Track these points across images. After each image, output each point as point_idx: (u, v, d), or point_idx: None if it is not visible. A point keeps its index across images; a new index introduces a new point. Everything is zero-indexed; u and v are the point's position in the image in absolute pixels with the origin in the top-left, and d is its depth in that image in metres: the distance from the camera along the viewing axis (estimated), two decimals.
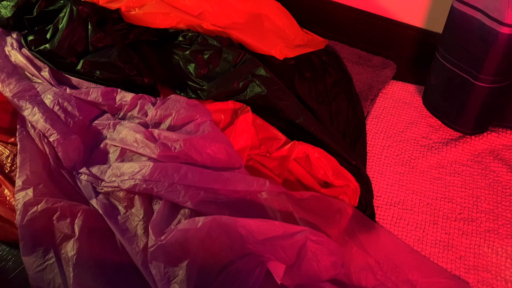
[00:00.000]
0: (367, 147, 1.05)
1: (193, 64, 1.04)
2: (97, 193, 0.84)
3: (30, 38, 1.08)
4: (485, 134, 1.06)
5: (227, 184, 0.78)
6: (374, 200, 0.94)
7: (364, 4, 1.32)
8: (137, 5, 1.11)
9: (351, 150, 0.98)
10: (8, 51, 1.11)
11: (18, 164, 0.89)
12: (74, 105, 0.97)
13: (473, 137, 1.05)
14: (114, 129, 0.93)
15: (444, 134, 1.08)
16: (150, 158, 0.84)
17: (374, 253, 0.78)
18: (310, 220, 0.76)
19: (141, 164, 0.82)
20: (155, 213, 0.76)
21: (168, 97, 0.97)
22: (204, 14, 1.15)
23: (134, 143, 0.87)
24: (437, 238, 0.88)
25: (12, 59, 1.09)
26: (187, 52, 1.05)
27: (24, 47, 1.09)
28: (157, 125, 0.92)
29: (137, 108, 0.96)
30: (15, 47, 1.10)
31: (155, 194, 0.79)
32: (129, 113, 0.96)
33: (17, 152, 0.92)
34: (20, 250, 0.77)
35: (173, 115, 0.92)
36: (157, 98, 0.97)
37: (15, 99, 1.00)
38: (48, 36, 1.07)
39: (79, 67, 1.02)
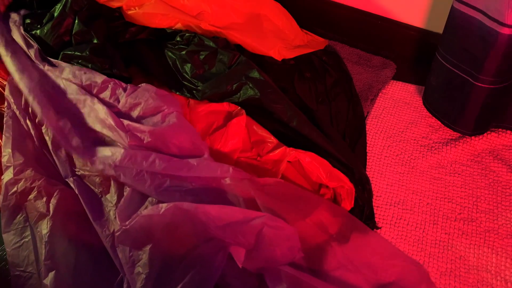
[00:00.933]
0: (367, 147, 1.05)
1: (189, 64, 1.05)
2: (73, 173, 0.87)
3: (27, 21, 1.11)
4: (485, 134, 1.06)
5: (192, 171, 0.79)
6: (374, 200, 0.94)
7: (364, 4, 1.32)
8: (137, 4, 1.11)
9: (349, 151, 0.98)
10: (11, 25, 1.12)
11: (2, 144, 0.92)
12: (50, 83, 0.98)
13: (473, 137, 1.06)
14: (84, 105, 0.93)
15: (444, 134, 1.08)
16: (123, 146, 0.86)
17: (337, 236, 0.79)
18: (271, 206, 0.76)
19: (113, 150, 0.83)
20: (122, 199, 0.79)
21: (140, 85, 0.97)
22: (202, 14, 1.15)
23: (108, 129, 0.88)
24: (437, 238, 0.88)
25: (12, 34, 1.11)
26: (184, 52, 1.06)
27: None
28: (127, 113, 0.93)
29: (108, 92, 0.96)
30: (16, 24, 1.12)
31: (121, 181, 0.81)
32: (101, 95, 0.96)
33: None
34: (1, 227, 0.82)
35: (142, 104, 0.92)
36: (128, 84, 0.98)
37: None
38: (44, 21, 1.10)
39: (59, 58, 1.04)
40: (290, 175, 0.92)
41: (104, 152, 0.84)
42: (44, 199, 0.82)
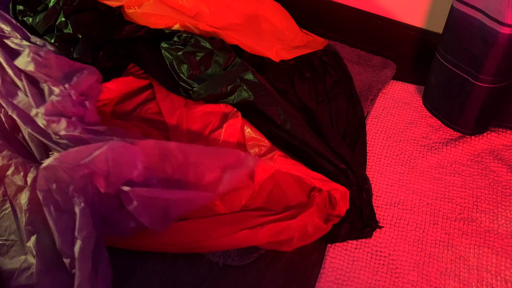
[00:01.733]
0: (367, 147, 1.05)
1: (186, 65, 1.05)
2: (48, 156, 0.92)
3: (20, 8, 1.15)
4: (485, 134, 1.06)
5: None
6: (374, 200, 0.94)
7: (364, 4, 1.32)
8: (136, 4, 1.11)
9: (349, 152, 0.97)
10: None
11: None
12: None
13: (473, 137, 1.06)
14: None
15: (444, 134, 1.08)
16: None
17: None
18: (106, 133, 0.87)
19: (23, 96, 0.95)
20: None
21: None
22: (200, 14, 1.14)
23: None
24: (437, 238, 0.88)
25: None
26: (180, 53, 1.06)
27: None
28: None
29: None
30: None
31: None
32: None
33: None
34: None
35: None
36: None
37: None
38: (39, 8, 1.14)
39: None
40: (282, 177, 0.93)
41: (20, 96, 0.94)
42: (22, 173, 0.87)
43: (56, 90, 0.94)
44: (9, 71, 0.98)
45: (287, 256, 0.86)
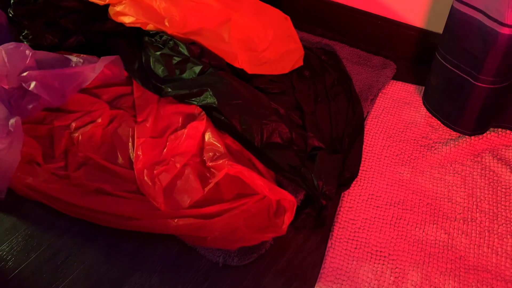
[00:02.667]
0: (367, 147, 1.05)
1: (162, 66, 1.07)
2: None
3: None
4: (485, 134, 1.06)
5: None
6: (374, 200, 0.94)
7: (364, 4, 1.32)
8: (117, 2, 1.12)
9: (327, 159, 0.98)
10: None
11: None
12: None
13: (473, 137, 1.06)
14: None
15: (444, 134, 1.08)
16: None
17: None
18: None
19: None
20: None
21: None
22: (171, 19, 1.11)
23: None
24: (437, 238, 0.88)
25: None
26: (158, 53, 1.08)
27: None
28: None
29: None
30: None
31: None
32: None
33: None
34: None
35: None
36: None
37: None
38: None
39: None
40: (224, 187, 0.94)
41: None
42: None
43: None
44: None
45: (287, 256, 0.86)
